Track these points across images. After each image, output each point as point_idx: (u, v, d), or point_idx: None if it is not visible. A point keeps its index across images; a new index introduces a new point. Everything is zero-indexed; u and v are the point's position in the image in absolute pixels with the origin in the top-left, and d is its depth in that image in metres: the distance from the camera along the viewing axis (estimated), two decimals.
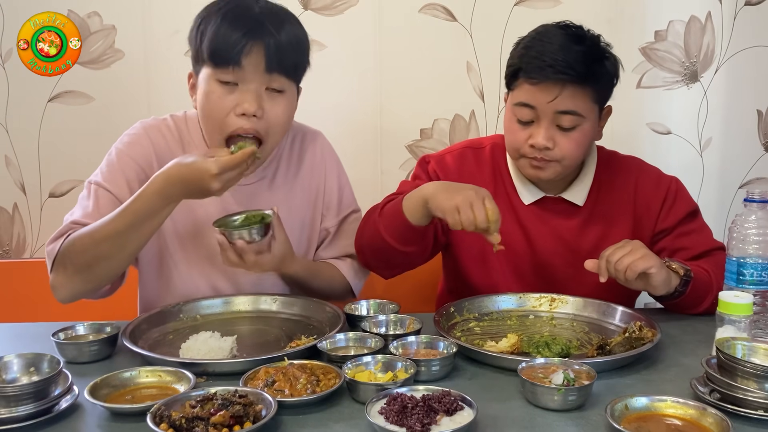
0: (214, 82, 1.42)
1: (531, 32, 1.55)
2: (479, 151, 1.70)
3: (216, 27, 1.40)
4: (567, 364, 1.12)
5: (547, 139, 1.49)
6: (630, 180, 1.65)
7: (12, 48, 2.20)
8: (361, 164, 2.25)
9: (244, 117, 1.42)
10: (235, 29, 1.39)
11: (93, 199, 1.47)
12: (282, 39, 1.41)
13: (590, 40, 1.51)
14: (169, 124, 1.58)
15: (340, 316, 1.39)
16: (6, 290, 2.02)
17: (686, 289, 1.44)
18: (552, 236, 1.62)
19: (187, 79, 1.51)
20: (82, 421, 1.06)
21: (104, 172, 1.51)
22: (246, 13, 1.42)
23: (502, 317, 1.49)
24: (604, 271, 1.38)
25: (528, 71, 1.47)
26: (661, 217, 1.62)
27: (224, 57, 1.39)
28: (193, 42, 1.46)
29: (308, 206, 1.66)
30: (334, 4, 2.19)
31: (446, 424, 0.97)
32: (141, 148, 1.53)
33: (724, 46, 2.24)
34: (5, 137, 2.26)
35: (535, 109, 1.49)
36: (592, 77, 1.47)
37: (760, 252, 1.26)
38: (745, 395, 1.03)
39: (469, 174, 1.65)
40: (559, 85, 1.45)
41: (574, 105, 1.47)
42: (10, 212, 2.31)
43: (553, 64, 1.44)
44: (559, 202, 1.63)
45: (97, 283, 1.41)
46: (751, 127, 2.31)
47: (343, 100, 2.24)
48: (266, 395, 1.02)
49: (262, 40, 1.39)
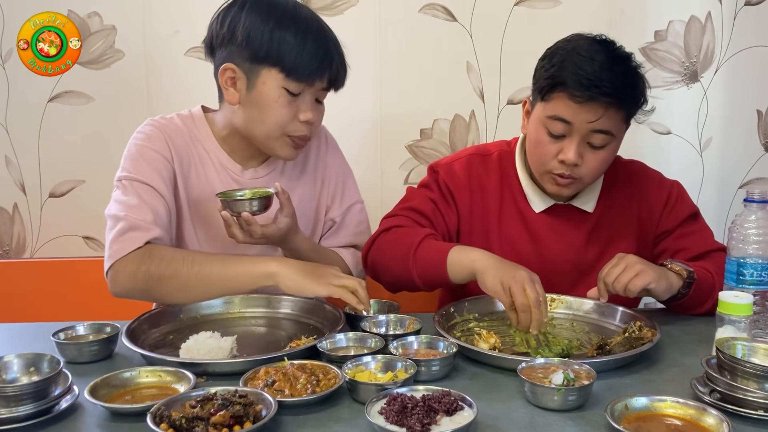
0: (282, 89, 1.47)
1: (562, 42, 1.52)
2: (487, 158, 1.68)
3: (299, 41, 1.44)
4: (567, 364, 1.12)
5: (577, 155, 1.48)
6: (634, 185, 1.66)
7: (12, 48, 2.20)
8: (361, 164, 2.24)
9: (306, 124, 1.51)
10: (318, 49, 1.46)
11: (134, 193, 1.46)
12: (343, 63, 1.52)
13: (628, 60, 1.49)
14: (178, 123, 1.59)
15: (340, 316, 1.39)
16: (6, 290, 2.02)
17: (689, 291, 1.44)
18: (561, 244, 1.62)
19: (222, 72, 1.49)
20: (82, 421, 1.06)
21: (132, 167, 1.50)
22: (320, 30, 1.49)
23: (502, 317, 1.49)
24: (603, 292, 1.41)
25: (572, 87, 1.43)
26: (662, 219, 1.63)
27: (306, 74, 1.46)
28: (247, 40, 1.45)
29: (314, 197, 1.70)
30: (334, 4, 2.19)
31: (446, 424, 0.97)
32: (160, 142, 1.54)
33: (724, 46, 2.24)
34: (5, 137, 2.26)
35: (571, 125, 1.47)
36: (632, 101, 1.48)
37: (760, 252, 1.27)
38: (745, 395, 1.03)
39: (478, 182, 1.65)
40: (603, 107, 1.43)
41: (610, 126, 1.47)
42: (10, 212, 2.31)
43: (600, 84, 1.41)
44: (568, 209, 1.63)
45: (159, 298, 1.47)
46: (751, 127, 2.30)
47: (343, 100, 2.23)
48: (266, 395, 1.02)
49: (333, 63, 1.49)
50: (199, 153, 1.58)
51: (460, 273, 1.45)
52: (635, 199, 1.65)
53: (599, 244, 1.62)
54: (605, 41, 1.50)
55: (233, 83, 1.50)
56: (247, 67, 1.47)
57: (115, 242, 1.40)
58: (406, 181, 2.28)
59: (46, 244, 2.31)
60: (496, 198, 1.64)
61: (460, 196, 1.64)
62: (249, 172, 1.62)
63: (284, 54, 1.44)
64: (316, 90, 1.51)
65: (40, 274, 1.62)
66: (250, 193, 1.48)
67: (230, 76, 1.49)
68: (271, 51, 1.44)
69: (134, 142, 1.54)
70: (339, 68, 1.51)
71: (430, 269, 1.48)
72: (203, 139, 1.59)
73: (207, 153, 1.59)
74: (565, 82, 1.45)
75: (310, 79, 1.47)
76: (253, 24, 1.45)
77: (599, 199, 1.63)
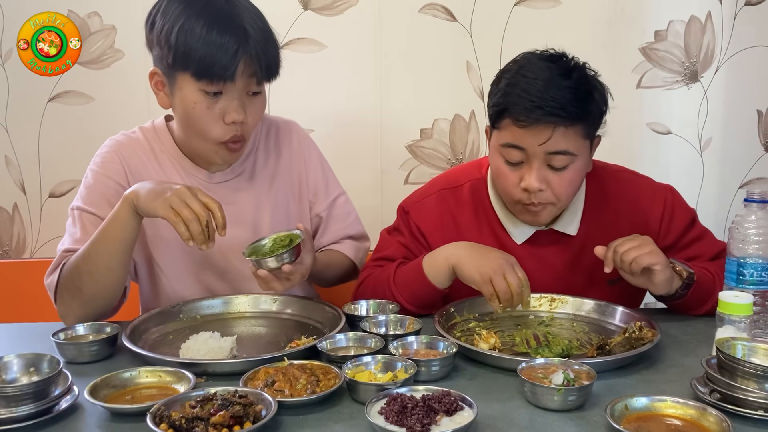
0: (199, 92, 1.39)
1: (511, 64, 1.46)
2: (457, 191, 1.61)
3: (203, 39, 1.34)
4: (567, 364, 1.12)
5: (539, 181, 1.41)
6: (623, 196, 1.58)
7: (12, 48, 2.20)
8: (361, 164, 2.25)
9: (233, 124, 1.42)
10: (224, 42, 1.34)
11: (79, 224, 1.48)
12: (267, 48, 1.40)
13: (577, 72, 1.41)
14: (138, 137, 1.57)
15: (340, 317, 1.38)
16: (6, 290, 2.03)
17: (686, 293, 1.43)
18: (547, 272, 1.56)
19: (150, 76, 1.46)
20: (82, 421, 1.06)
21: (84, 195, 1.51)
22: (227, 18, 1.36)
23: (502, 317, 1.49)
24: (609, 261, 1.38)
25: (515, 112, 1.38)
26: (662, 233, 1.56)
27: (217, 73, 1.36)
28: (161, 43, 1.39)
29: (293, 196, 1.66)
30: (334, 4, 2.19)
31: (446, 425, 0.97)
32: (114, 165, 1.53)
33: (724, 46, 2.24)
34: (5, 137, 2.26)
35: (525, 150, 1.41)
36: (583, 116, 1.39)
37: (760, 252, 1.26)
38: (745, 395, 1.02)
39: (451, 218, 1.60)
40: (550, 128, 1.37)
41: (566, 145, 1.39)
42: (10, 212, 2.32)
43: (542, 105, 1.35)
44: (550, 234, 1.56)
45: (93, 305, 1.41)
46: (751, 127, 2.31)
47: (343, 100, 2.24)
48: (266, 395, 1.02)
49: (251, 52, 1.37)
50: (163, 165, 1.55)
51: (441, 275, 1.45)
52: (626, 209, 1.57)
53: (587, 264, 1.53)
54: (554, 56, 1.43)
55: (162, 87, 1.46)
56: (167, 71, 1.42)
57: (48, 277, 1.45)
58: (406, 181, 2.28)
59: (46, 244, 2.32)
60: (473, 232, 1.57)
61: (432, 236, 1.58)
62: (217, 175, 1.57)
63: (191, 54, 1.35)
64: (243, 84, 1.40)
65: (40, 274, 1.62)
66: (271, 241, 1.41)
67: (158, 80, 1.45)
68: (177, 53, 1.36)
69: (91, 167, 1.54)
70: (260, 55, 1.37)
71: (413, 286, 1.48)
72: (167, 150, 1.56)
73: (171, 164, 1.55)
74: (509, 108, 1.40)
75: (221, 76, 1.36)
76: (167, 23, 1.38)
77: (582, 219, 1.56)
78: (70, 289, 1.40)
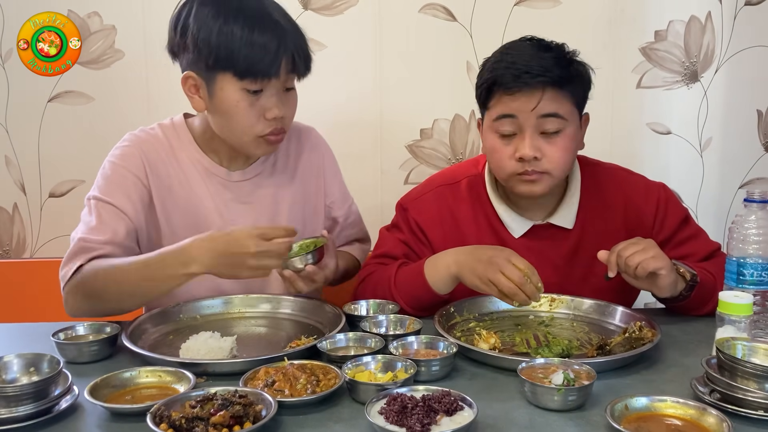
0: (241, 91, 1.43)
1: (495, 52, 1.54)
2: (455, 187, 1.64)
3: (245, 39, 1.38)
4: (567, 364, 1.12)
5: (533, 148, 1.45)
6: (618, 193, 1.61)
7: (12, 48, 2.20)
8: (361, 164, 2.25)
9: (274, 120, 1.46)
10: (265, 41, 1.38)
11: (95, 213, 1.47)
12: (302, 43, 1.45)
13: (557, 47, 1.50)
14: (157, 133, 1.58)
15: (340, 316, 1.39)
16: (6, 290, 2.03)
17: (690, 294, 1.43)
18: (544, 266, 1.53)
19: (183, 81, 1.48)
20: (82, 421, 1.06)
21: (101, 185, 1.51)
22: (263, 17, 1.41)
23: (502, 317, 1.49)
24: (614, 265, 1.38)
25: (504, 83, 1.44)
26: (655, 229, 1.58)
27: (260, 70, 1.40)
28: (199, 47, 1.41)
29: (309, 199, 1.68)
30: (334, 4, 2.19)
31: (446, 425, 0.97)
32: (134, 159, 1.53)
33: (724, 46, 2.23)
34: (5, 137, 2.26)
35: (517, 118, 1.45)
36: (568, 79, 1.45)
37: (760, 252, 1.26)
38: (745, 395, 1.03)
39: (450, 213, 1.62)
40: (539, 90, 1.43)
41: (556, 107, 1.45)
42: (10, 212, 2.31)
43: (529, 70, 1.42)
44: (547, 228, 1.58)
45: (104, 314, 1.43)
46: (751, 127, 2.30)
47: (343, 100, 2.24)
48: (266, 395, 1.02)
49: (290, 49, 1.42)
50: (181, 163, 1.56)
51: (441, 282, 1.47)
52: (620, 207, 1.60)
53: (584, 259, 1.56)
54: (535, 38, 1.52)
55: (196, 91, 1.48)
56: (204, 74, 1.44)
57: (63, 267, 1.43)
58: (406, 181, 2.28)
59: (46, 244, 2.31)
60: (471, 228, 1.60)
61: (432, 232, 1.61)
62: (236, 174, 1.59)
63: (233, 54, 1.38)
64: (280, 82, 1.45)
65: (40, 274, 1.63)
66: (297, 246, 1.42)
67: (192, 84, 1.47)
68: (220, 55, 1.39)
69: (109, 159, 1.54)
70: (297, 55, 1.43)
71: (414, 290, 1.49)
72: (186, 147, 1.57)
73: (190, 161, 1.56)
74: (497, 80, 1.46)
75: (266, 74, 1.41)
76: (202, 26, 1.40)
77: (578, 213, 1.58)
78: (88, 294, 1.39)
